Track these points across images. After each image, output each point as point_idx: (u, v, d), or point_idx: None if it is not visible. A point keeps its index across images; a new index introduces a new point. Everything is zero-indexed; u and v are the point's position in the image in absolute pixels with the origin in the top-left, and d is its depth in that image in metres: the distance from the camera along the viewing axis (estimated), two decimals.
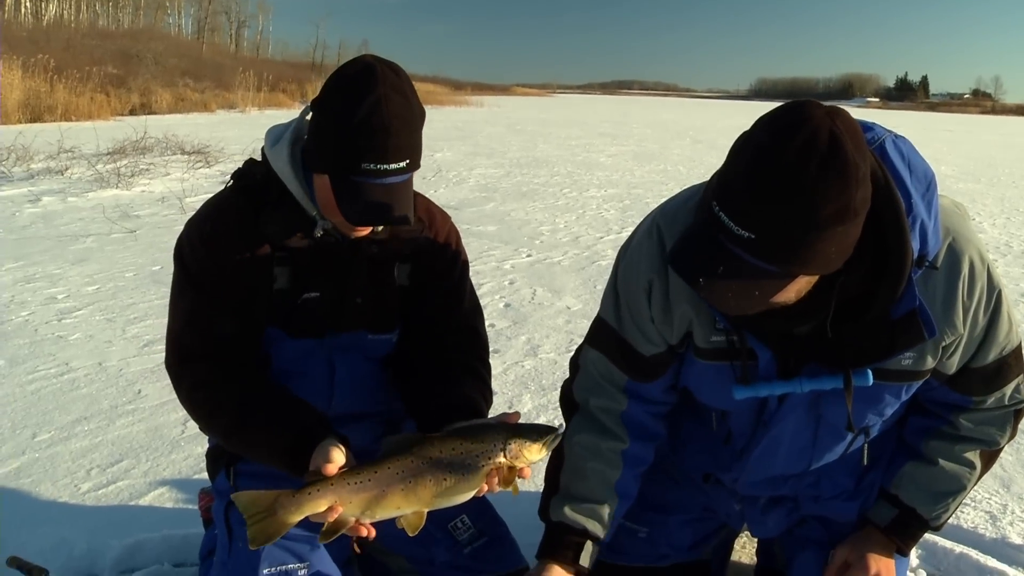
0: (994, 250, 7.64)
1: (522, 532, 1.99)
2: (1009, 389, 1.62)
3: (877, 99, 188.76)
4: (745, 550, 2.39)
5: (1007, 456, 3.21)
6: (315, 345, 1.81)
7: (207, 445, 2.03)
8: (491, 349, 2.02)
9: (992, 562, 2.41)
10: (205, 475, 2.46)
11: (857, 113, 1.57)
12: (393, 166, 1.58)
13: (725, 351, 1.60)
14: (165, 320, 1.79)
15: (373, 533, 1.51)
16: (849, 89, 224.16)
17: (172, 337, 1.75)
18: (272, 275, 1.73)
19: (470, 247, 1.96)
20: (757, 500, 1.89)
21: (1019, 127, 45.08)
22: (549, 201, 9.91)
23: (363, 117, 1.54)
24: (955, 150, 21.62)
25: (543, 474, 1.86)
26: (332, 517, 1.45)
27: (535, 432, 1.50)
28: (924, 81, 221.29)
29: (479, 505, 1.94)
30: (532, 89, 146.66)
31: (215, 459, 1.94)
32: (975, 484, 1.73)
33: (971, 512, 2.76)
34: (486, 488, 1.50)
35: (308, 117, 1.72)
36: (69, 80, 21.26)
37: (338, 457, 1.48)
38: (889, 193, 1.35)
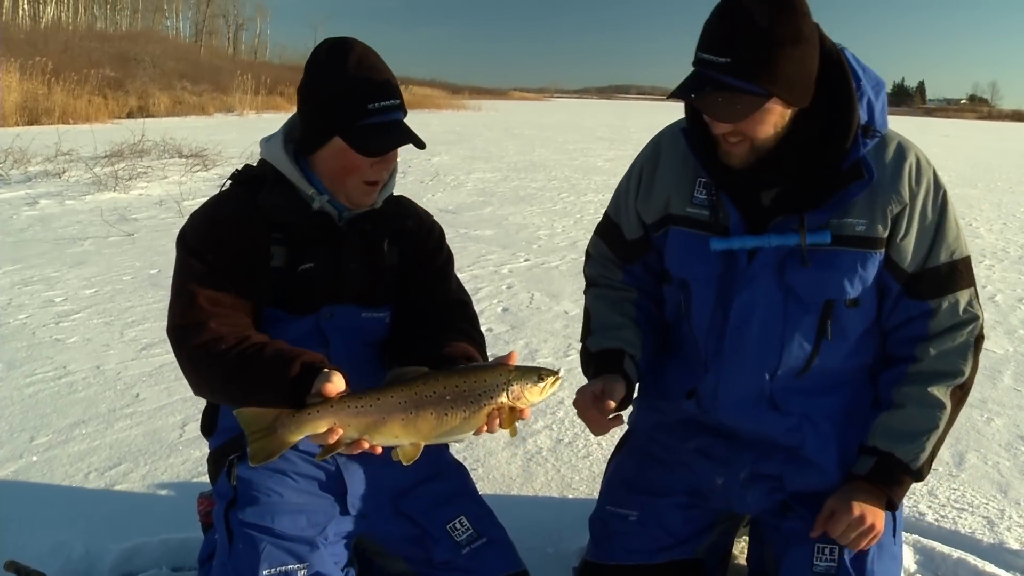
0: (991, 255, 7.66)
1: (520, 535, 1.99)
2: (962, 299, 1.79)
3: None
4: (744, 555, 2.39)
5: (1004, 461, 3.22)
6: (312, 326, 1.85)
7: (208, 449, 2.03)
8: (488, 354, 2.04)
9: (990, 567, 2.41)
10: (204, 478, 2.46)
11: None
12: (393, 102, 1.79)
13: (700, 221, 1.86)
14: (163, 323, 1.83)
15: (379, 450, 1.54)
16: None
17: (177, 304, 1.78)
18: (269, 253, 1.82)
19: (468, 251, 2.00)
20: (738, 473, 1.94)
21: (1015, 132, 45.24)
22: (547, 205, 9.92)
23: (354, 67, 1.75)
24: (952, 155, 21.66)
25: (531, 479, 1.85)
26: (332, 439, 1.49)
27: (536, 374, 1.55)
28: (921, 86, 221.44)
29: (477, 507, 1.96)
30: (529, 93, 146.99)
31: (217, 461, 1.94)
32: (948, 425, 1.81)
33: (969, 517, 2.77)
34: (486, 428, 1.54)
35: (291, 125, 1.89)
36: (67, 83, 21.28)
37: (339, 381, 1.53)
38: (839, 62, 1.69)
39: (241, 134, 17.18)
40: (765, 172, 1.74)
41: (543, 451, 3.19)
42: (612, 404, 1.83)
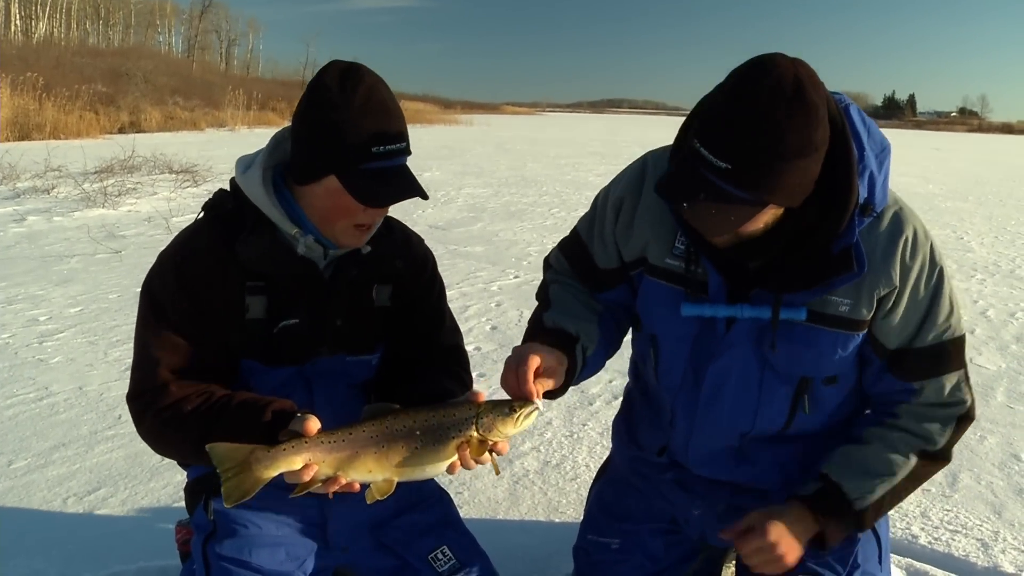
0: (982, 269, 7.66)
1: (505, 562, 1.96)
2: (948, 382, 1.67)
3: None
4: None
5: (998, 481, 3.18)
6: (294, 374, 1.77)
7: (187, 479, 1.98)
8: (477, 373, 2.01)
9: None
10: (183, 504, 2.41)
11: None
12: (399, 146, 1.62)
13: (678, 275, 1.74)
14: None
15: (356, 487, 1.49)
16: None
17: (140, 371, 1.68)
18: (244, 305, 1.70)
19: (457, 268, 1.96)
20: (715, 506, 1.89)
21: (1005, 145, 45.50)
22: (537, 221, 9.90)
23: (362, 102, 1.57)
24: (943, 168, 21.77)
25: (517, 502, 1.81)
26: (307, 476, 1.45)
27: (508, 406, 1.51)
28: (911, 99, 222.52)
29: (460, 536, 1.92)
30: (521, 108, 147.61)
31: (193, 493, 1.89)
32: (906, 480, 1.69)
33: (962, 540, 2.73)
34: (459, 463, 1.50)
35: (272, 146, 1.72)
36: (58, 98, 21.29)
37: (315, 422, 1.48)
38: (844, 135, 1.52)
39: (232, 149, 17.14)
40: (748, 249, 1.61)
41: (530, 474, 3.15)
42: (538, 389, 1.58)
